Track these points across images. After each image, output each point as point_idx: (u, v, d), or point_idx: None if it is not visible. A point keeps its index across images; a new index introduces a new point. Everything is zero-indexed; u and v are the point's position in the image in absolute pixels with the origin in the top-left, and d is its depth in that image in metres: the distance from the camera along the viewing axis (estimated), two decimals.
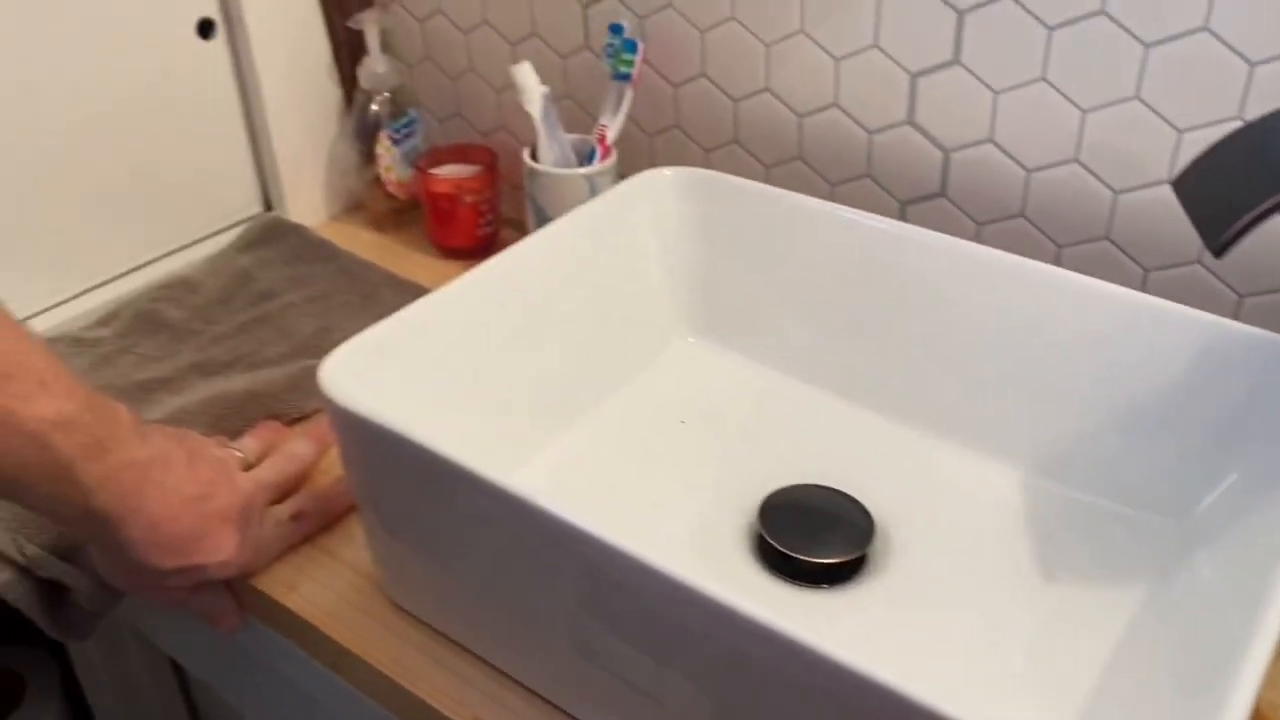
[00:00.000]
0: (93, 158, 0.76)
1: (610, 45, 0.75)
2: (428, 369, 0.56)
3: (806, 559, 0.55)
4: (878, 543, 0.57)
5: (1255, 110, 0.56)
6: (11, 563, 0.63)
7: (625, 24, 0.74)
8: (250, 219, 0.87)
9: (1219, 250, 0.42)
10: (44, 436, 0.44)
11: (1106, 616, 0.52)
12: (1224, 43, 0.55)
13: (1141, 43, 0.58)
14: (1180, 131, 0.59)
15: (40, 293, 0.76)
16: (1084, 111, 0.61)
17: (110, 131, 0.76)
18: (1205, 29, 0.55)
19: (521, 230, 0.85)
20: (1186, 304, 0.54)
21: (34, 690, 0.96)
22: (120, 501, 0.48)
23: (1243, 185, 0.43)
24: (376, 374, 0.52)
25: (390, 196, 0.88)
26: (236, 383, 0.69)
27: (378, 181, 0.87)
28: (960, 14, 0.63)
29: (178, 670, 0.84)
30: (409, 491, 0.50)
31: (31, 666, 0.98)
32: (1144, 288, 0.63)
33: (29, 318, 0.76)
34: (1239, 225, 0.42)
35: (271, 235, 0.84)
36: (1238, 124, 0.53)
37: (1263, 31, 0.54)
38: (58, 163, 0.74)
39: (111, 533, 0.49)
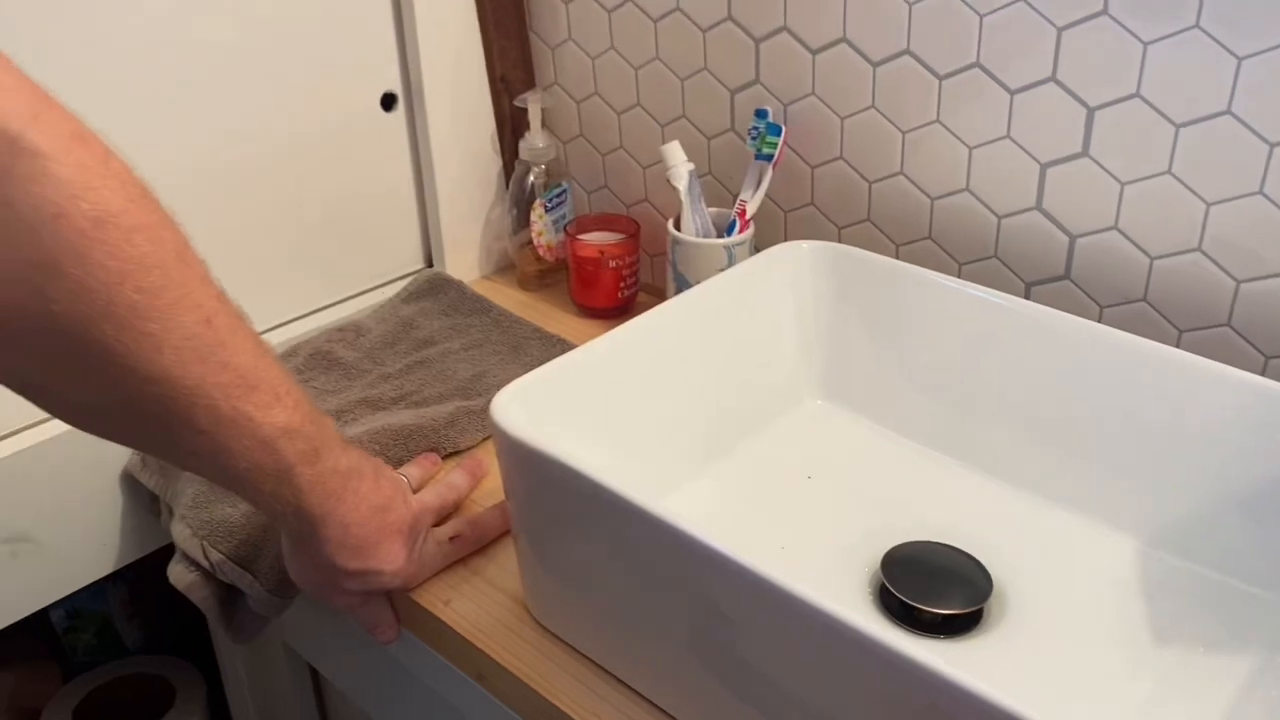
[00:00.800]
0: (281, 212, 0.85)
1: (755, 128, 0.81)
2: (581, 411, 0.62)
3: (926, 609, 0.58)
4: (995, 599, 0.60)
5: None
6: (198, 566, 0.71)
7: (770, 109, 0.80)
8: (413, 273, 0.95)
9: None
10: (274, 442, 0.51)
11: (1216, 684, 0.54)
12: None
13: (1266, 141, 0.61)
14: None
15: None
16: (1208, 204, 0.65)
17: (298, 190, 0.86)
18: None
19: (657, 295, 0.91)
20: None
21: (182, 698, 1.04)
22: (323, 503, 0.54)
23: None
24: (538, 412, 0.58)
25: (539, 259, 0.95)
26: (401, 418, 0.76)
27: (529, 245, 0.95)
28: (1090, 110, 0.67)
29: (316, 689, 0.90)
30: (563, 515, 0.56)
31: (181, 677, 1.06)
32: (1264, 373, 0.65)
33: None
34: None
35: (432, 289, 0.92)
36: None
37: None
38: (251, 216, 0.83)
39: (312, 530, 0.55)
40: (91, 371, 0.44)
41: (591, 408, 0.63)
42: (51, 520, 0.77)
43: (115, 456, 0.79)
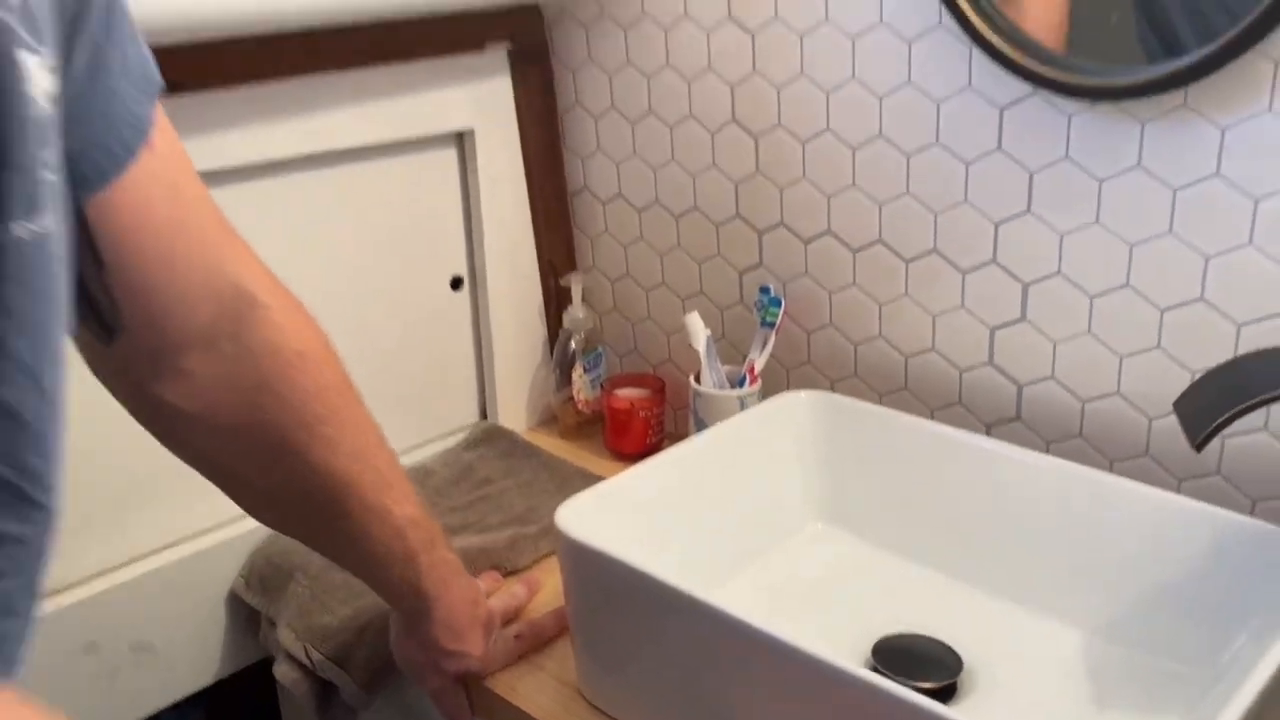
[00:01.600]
0: (365, 374, 1.00)
1: (759, 301, 0.98)
2: (624, 527, 0.76)
3: (910, 685, 0.71)
4: (967, 678, 0.73)
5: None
6: (300, 665, 0.84)
7: (772, 286, 0.98)
8: (471, 425, 1.12)
9: (1198, 446, 0.60)
10: (405, 530, 0.65)
11: None
12: (1217, 310, 0.75)
13: (1157, 308, 0.78)
14: (1193, 372, 0.78)
15: None
16: (1121, 357, 0.81)
17: (378, 355, 1.02)
18: (1202, 299, 0.76)
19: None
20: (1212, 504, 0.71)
21: None
22: (435, 586, 0.68)
23: (1217, 402, 0.61)
24: (591, 524, 0.72)
25: (579, 412, 1.11)
26: (468, 541, 0.90)
27: (570, 400, 1.11)
28: (1025, 285, 0.84)
29: None
30: (616, 605, 0.69)
31: None
32: (1179, 492, 0.79)
33: None
34: (1210, 427, 0.60)
35: (489, 438, 1.08)
36: None
37: (1244, 301, 0.74)
38: None
39: (426, 611, 0.69)
40: (282, 466, 0.59)
41: (633, 524, 0.77)
42: (169, 631, 0.90)
43: (223, 578, 0.93)
